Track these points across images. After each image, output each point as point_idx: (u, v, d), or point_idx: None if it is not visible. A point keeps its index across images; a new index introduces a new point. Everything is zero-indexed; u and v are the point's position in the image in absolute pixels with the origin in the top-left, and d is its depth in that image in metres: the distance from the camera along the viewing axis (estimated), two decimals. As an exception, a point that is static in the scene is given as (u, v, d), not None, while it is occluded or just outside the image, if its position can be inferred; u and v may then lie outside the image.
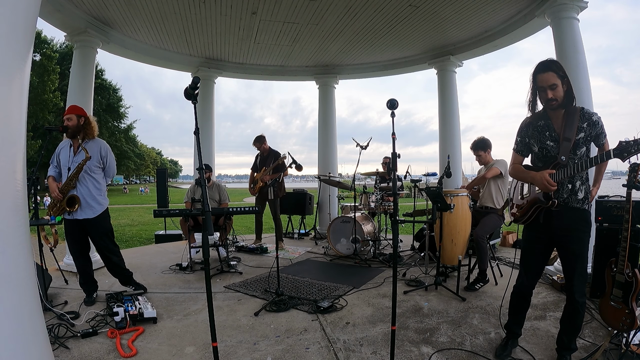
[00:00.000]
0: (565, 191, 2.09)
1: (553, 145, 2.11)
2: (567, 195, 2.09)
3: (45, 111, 23.37)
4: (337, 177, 6.70)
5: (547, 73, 1.99)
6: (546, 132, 2.13)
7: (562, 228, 2.11)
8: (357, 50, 5.91)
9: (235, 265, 4.60)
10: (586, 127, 2.03)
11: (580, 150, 2.05)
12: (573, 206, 2.09)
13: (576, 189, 2.09)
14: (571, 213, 2.10)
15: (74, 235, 3.27)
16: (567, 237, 2.11)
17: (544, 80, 2.00)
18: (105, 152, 3.29)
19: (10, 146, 1.43)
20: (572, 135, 2.02)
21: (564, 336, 2.21)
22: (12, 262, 1.40)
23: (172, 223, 7.19)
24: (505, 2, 4.31)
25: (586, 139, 2.05)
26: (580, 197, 2.09)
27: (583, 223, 2.11)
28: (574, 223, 2.10)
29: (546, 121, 2.14)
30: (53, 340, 2.47)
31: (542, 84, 2.02)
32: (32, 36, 1.57)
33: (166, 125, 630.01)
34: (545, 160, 2.15)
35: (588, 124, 2.03)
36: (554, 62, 2.03)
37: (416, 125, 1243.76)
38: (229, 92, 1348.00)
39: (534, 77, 2.06)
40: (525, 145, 2.27)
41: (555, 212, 2.11)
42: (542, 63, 2.03)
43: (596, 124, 2.03)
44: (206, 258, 1.71)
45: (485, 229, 3.72)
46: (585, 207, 2.10)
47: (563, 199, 2.10)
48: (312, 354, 2.41)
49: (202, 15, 4.63)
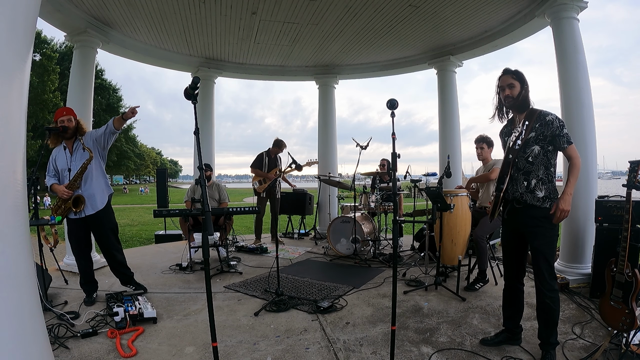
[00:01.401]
0: (520, 187, 2.22)
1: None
2: (522, 192, 2.21)
3: (45, 111, 23.35)
4: (337, 177, 6.70)
5: (506, 75, 2.27)
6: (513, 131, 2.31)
7: (524, 224, 2.23)
8: (357, 50, 5.91)
9: (235, 265, 4.60)
10: (538, 127, 2.16)
11: (531, 148, 2.17)
12: (533, 204, 2.18)
13: (532, 187, 2.18)
14: (531, 210, 2.20)
15: (77, 234, 3.28)
16: (530, 233, 2.21)
17: (503, 81, 2.28)
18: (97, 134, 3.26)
19: (10, 146, 1.43)
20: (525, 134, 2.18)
21: (542, 329, 2.26)
22: (12, 262, 1.40)
23: (172, 223, 7.18)
24: (505, 2, 4.31)
25: (537, 139, 2.16)
26: (539, 196, 2.17)
27: (544, 220, 2.18)
28: (534, 220, 2.19)
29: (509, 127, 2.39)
30: (53, 340, 2.47)
31: (501, 84, 2.29)
32: (32, 36, 1.57)
33: (167, 125, 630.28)
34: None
35: (540, 124, 2.16)
36: (516, 71, 2.27)
37: (416, 125, 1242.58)
38: (230, 93, 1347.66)
39: (498, 80, 2.33)
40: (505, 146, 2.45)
41: (518, 209, 2.24)
42: (507, 68, 2.31)
43: (549, 124, 2.14)
44: (206, 258, 1.71)
45: (485, 230, 3.72)
46: (546, 205, 2.17)
47: (518, 195, 2.22)
48: (312, 354, 2.41)
49: (202, 15, 4.63)
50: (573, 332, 2.61)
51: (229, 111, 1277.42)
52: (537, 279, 2.21)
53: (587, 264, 3.60)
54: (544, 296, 2.18)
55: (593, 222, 3.39)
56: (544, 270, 2.16)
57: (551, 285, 2.17)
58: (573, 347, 2.41)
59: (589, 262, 3.58)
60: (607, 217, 3.19)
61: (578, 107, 3.70)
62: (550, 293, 2.17)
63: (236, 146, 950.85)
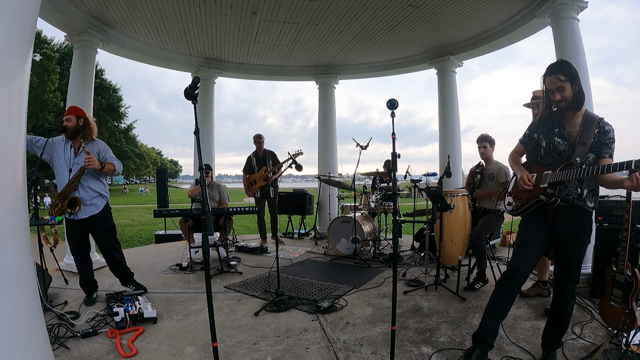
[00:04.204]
0: (574, 193, 2.08)
1: (560, 142, 2.13)
2: (575, 197, 2.08)
3: (45, 111, 23.36)
4: (337, 177, 6.70)
5: (552, 76, 2.04)
6: (556, 128, 2.15)
7: (568, 226, 2.10)
8: (357, 50, 5.91)
9: (235, 265, 4.60)
10: (596, 134, 2.03)
11: (587, 156, 2.04)
12: (583, 207, 2.08)
13: (584, 197, 2.07)
14: (580, 213, 2.09)
15: (75, 235, 3.27)
16: (570, 236, 2.10)
17: (551, 83, 2.06)
18: (104, 154, 3.29)
19: (10, 146, 1.43)
20: (588, 140, 2.02)
21: (551, 334, 2.22)
22: (12, 262, 1.40)
23: (172, 223, 7.18)
24: (505, 2, 4.31)
25: (594, 146, 2.04)
26: (590, 206, 2.09)
27: (587, 225, 2.11)
28: (579, 223, 2.10)
29: (558, 119, 2.16)
30: (53, 340, 2.47)
31: (549, 87, 2.08)
32: (32, 36, 1.57)
33: (168, 125, 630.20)
34: (553, 155, 2.16)
35: (599, 131, 2.03)
36: (561, 64, 2.06)
37: (417, 125, 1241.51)
38: (232, 93, 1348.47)
39: (543, 79, 2.12)
40: (531, 139, 2.31)
41: (564, 208, 2.10)
42: (550, 66, 2.08)
43: (607, 133, 2.02)
44: (206, 258, 1.71)
45: (484, 230, 3.72)
46: (592, 211, 2.12)
47: (571, 200, 2.09)
48: (312, 354, 2.40)
49: (202, 15, 4.63)
50: (573, 332, 2.61)
51: (230, 111, 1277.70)
52: (564, 285, 2.12)
53: (587, 264, 3.60)
54: (567, 303, 2.11)
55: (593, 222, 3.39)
56: (573, 278, 2.10)
57: (574, 293, 2.13)
58: (573, 347, 2.41)
59: (588, 262, 3.58)
60: (607, 217, 3.19)
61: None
62: (573, 300, 2.13)
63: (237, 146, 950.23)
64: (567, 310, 2.13)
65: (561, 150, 2.12)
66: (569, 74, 2.02)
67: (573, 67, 2.05)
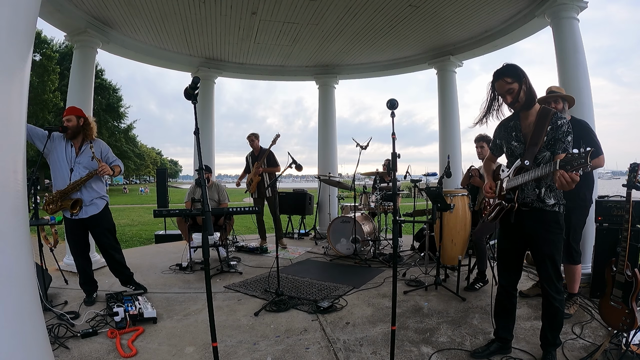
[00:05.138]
0: (532, 195, 2.10)
1: (517, 145, 2.16)
2: (533, 199, 2.10)
3: (45, 111, 23.33)
4: (337, 177, 6.70)
5: (500, 81, 2.07)
6: (513, 132, 2.19)
7: (533, 229, 2.12)
8: (357, 50, 5.91)
9: (235, 265, 4.60)
10: (549, 131, 2.03)
11: (542, 154, 2.05)
12: (543, 209, 2.09)
13: (542, 196, 2.08)
14: (542, 215, 2.10)
15: (75, 234, 3.28)
16: (538, 238, 2.12)
17: (500, 87, 2.09)
18: (106, 153, 3.33)
19: (10, 146, 1.43)
20: (539, 140, 2.03)
21: (547, 333, 2.23)
22: (12, 262, 1.40)
23: (172, 223, 7.17)
24: (505, 2, 4.31)
25: (548, 143, 2.03)
26: (550, 203, 2.08)
27: (554, 225, 2.10)
28: (544, 225, 2.10)
29: (515, 121, 2.20)
30: (53, 340, 2.47)
31: (499, 91, 2.11)
32: (32, 36, 1.57)
33: (169, 125, 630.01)
34: (512, 160, 2.21)
35: (552, 128, 2.02)
36: (506, 67, 2.07)
37: (417, 125, 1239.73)
38: (233, 93, 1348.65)
39: (492, 86, 2.15)
40: (495, 146, 2.38)
41: (526, 212, 2.13)
42: (495, 71, 2.10)
43: (559, 128, 2.00)
44: (206, 258, 1.71)
45: (484, 231, 3.72)
46: (556, 209, 2.10)
47: (529, 202, 2.11)
48: (312, 354, 2.41)
49: (202, 15, 4.63)
50: (573, 332, 2.61)
51: (231, 111, 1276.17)
52: (546, 283, 2.14)
53: (587, 264, 3.60)
54: (553, 299, 2.13)
55: (593, 222, 3.39)
56: (552, 275, 2.11)
57: (558, 289, 2.13)
58: (573, 347, 2.41)
59: (589, 262, 3.58)
60: (607, 217, 3.19)
61: (578, 107, 3.68)
62: (559, 296, 2.13)
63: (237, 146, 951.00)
64: (556, 306, 2.14)
65: (518, 154, 2.14)
66: (514, 75, 2.04)
67: (519, 68, 2.06)
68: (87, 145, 3.20)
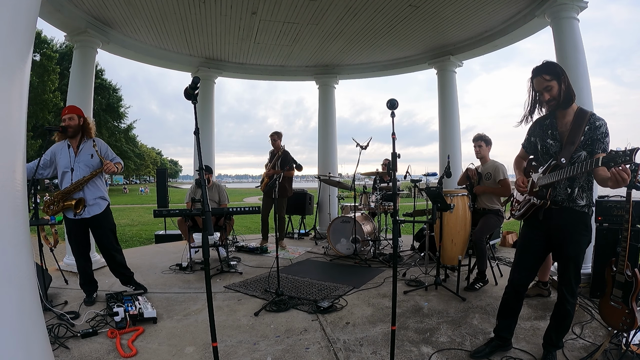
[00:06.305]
0: (563, 194, 2.10)
1: (552, 143, 2.15)
2: (564, 198, 2.09)
3: (45, 111, 23.32)
4: (337, 177, 6.70)
5: (538, 78, 2.08)
6: (549, 130, 2.17)
7: (560, 228, 2.11)
8: (357, 50, 5.90)
9: (235, 265, 4.60)
10: (587, 131, 2.03)
11: (578, 154, 2.04)
12: (573, 208, 2.08)
13: (574, 195, 2.08)
14: (571, 214, 2.09)
15: (76, 235, 3.28)
16: (564, 238, 2.11)
17: (538, 84, 2.09)
18: (105, 151, 3.32)
19: (10, 146, 1.43)
20: (577, 139, 2.02)
21: (552, 333, 2.23)
22: (12, 262, 1.40)
23: (172, 223, 7.17)
24: (505, 2, 4.31)
25: (585, 143, 2.03)
26: (581, 204, 2.08)
27: (582, 226, 2.10)
28: (572, 225, 2.10)
29: (551, 120, 2.18)
30: (53, 340, 2.47)
31: (537, 88, 2.11)
32: (32, 36, 1.57)
33: (170, 125, 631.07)
34: (546, 158, 2.18)
35: (589, 128, 2.02)
36: (545, 65, 2.07)
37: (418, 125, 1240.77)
38: (233, 93, 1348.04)
39: (531, 83, 2.14)
40: (529, 143, 2.34)
41: (555, 211, 2.12)
42: (535, 68, 2.10)
43: (598, 128, 2.00)
44: (206, 258, 1.71)
45: (484, 230, 3.72)
46: (586, 210, 2.10)
47: (560, 201, 2.10)
48: (312, 354, 2.40)
49: (202, 15, 4.63)
50: (573, 332, 2.61)
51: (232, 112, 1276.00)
52: (564, 285, 2.13)
53: (587, 264, 3.60)
54: (567, 302, 2.12)
55: (593, 222, 3.39)
56: (572, 278, 2.10)
57: (574, 292, 2.13)
58: (573, 347, 2.41)
59: (588, 262, 3.58)
60: (607, 217, 3.19)
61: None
62: (573, 300, 2.13)
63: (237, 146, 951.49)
64: (567, 309, 2.13)
65: (552, 152, 2.14)
66: (554, 73, 2.04)
67: (558, 66, 2.07)
68: (85, 143, 3.21)
